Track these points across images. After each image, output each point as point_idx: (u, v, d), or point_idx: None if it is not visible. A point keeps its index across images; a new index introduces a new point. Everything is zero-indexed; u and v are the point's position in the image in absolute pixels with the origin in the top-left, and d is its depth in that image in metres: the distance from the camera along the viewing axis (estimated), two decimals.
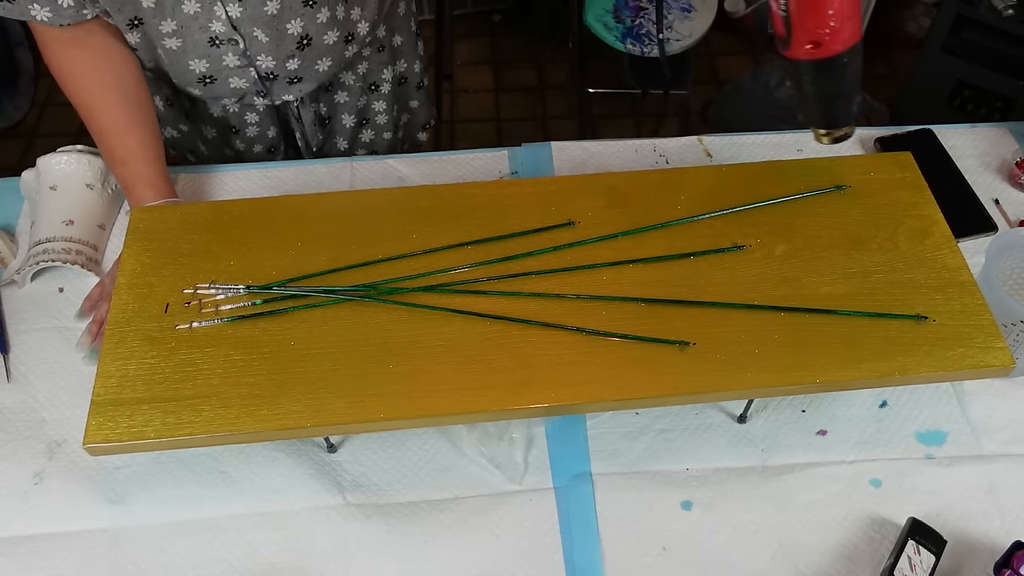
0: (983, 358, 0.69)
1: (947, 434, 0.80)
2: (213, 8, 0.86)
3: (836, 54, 0.62)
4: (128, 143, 0.90)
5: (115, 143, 0.90)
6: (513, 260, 0.76)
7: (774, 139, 1.05)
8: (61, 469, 0.78)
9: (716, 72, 2.33)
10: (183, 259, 0.76)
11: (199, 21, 0.87)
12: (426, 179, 1.01)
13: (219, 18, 0.87)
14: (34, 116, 2.19)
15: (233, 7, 0.87)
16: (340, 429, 0.70)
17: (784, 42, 0.63)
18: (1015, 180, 0.99)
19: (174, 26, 0.88)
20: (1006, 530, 0.75)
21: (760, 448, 0.80)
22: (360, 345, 0.70)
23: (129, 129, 0.90)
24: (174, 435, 0.66)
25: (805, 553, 0.74)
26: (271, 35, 0.90)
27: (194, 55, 0.91)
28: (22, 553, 0.74)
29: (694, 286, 0.74)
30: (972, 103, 1.81)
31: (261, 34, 0.90)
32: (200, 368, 0.69)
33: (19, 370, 0.85)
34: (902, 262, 0.75)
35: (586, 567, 0.73)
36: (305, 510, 0.76)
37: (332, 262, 0.76)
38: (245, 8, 0.87)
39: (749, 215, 0.79)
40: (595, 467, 0.78)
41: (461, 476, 0.78)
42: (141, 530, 0.75)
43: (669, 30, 1.92)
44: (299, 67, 0.96)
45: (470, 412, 0.67)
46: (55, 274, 0.92)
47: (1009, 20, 1.65)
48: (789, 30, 0.62)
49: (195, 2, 0.86)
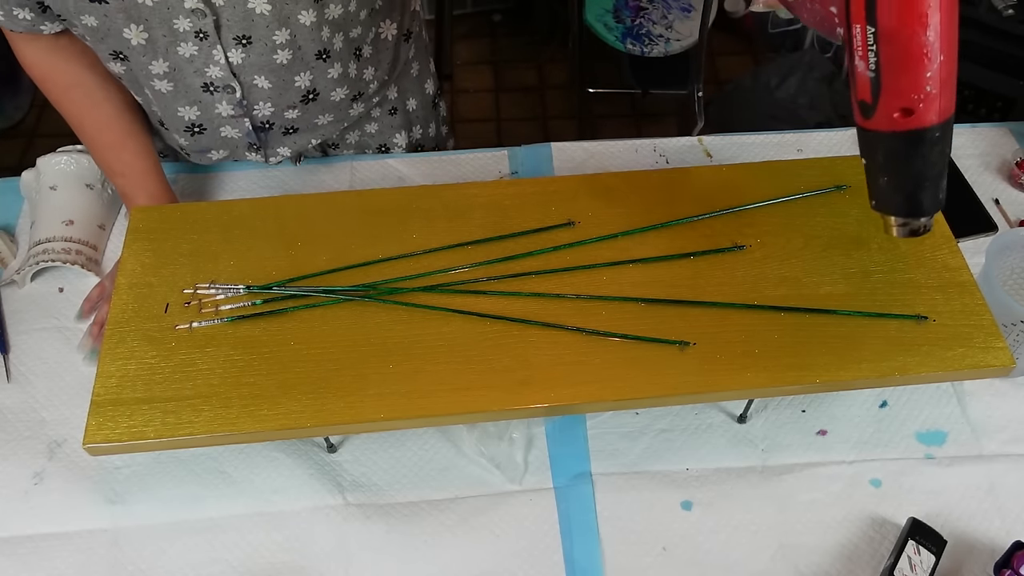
0: (983, 358, 0.69)
1: (947, 434, 0.80)
2: (212, 52, 0.80)
3: (930, 125, 0.53)
4: (124, 157, 0.89)
5: (111, 157, 0.89)
6: (513, 260, 0.76)
7: (774, 139, 1.05)
8: (61, 469, 0.78)
9: (716, 72, 2.32)
10: (183, 259, 0.76)
11: (194, 64, 0.81)
12: (426, 179, 1.01)
13: (217, 63, 0.81)
14: (34, 116, 2.19)
15: (235, 52, 0.80)
16: (340, 429, 0.69)
17: (868, 108, 0.54)
18: (1015, 180, 0.99)
19: (166, 67, 0.81)
20: (1006, 530, 0.75)
21: (760, 448, 0.80)
22: (360, 345, 0.70)
23: (124, 143, 0.89)
24: (174, 435, 0.66)
25: (805, 553, 0.74)
26: (275, 83, 0.85)
27: (184, 101, 0.85)
28: (22, 553, 0.74)
29: (694, 286, 0.74)
30: (972, 103, 1.81)
31: (263, 81, 0.84)
32: (200, 368, 0.69)
33: (19, 370, 0.85)
34: (902, 262, 0.75)
35: (586, 567, 0.73)
36: (305, 510, 0.76)
37: (332, 262, 0.76)
38: (248, 55, 0.81)
39: (749, 215, 0.79)
40: (595, 467, 0.78)
41: (461, 476, 0.78)
42: (141, 530, 0.75)
43: (669, 30, 1.92)
44: (298, 118, 0.91)
45: (470, 412, 0.67)
46: (55, 274, 0.92)
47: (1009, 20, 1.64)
48: (877, 94, 0.53)
49: (192, 44, 0.79)
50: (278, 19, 0.78)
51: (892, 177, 0.56)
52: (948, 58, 0.51)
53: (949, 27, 0.50)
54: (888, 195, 0.58)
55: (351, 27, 0.85)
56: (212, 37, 0.78)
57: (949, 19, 0.50)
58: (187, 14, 0.76)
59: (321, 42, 0.83)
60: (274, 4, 0.77)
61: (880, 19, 0.50)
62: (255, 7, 0.76)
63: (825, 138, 1.05)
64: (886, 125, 0.54)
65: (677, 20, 1.93)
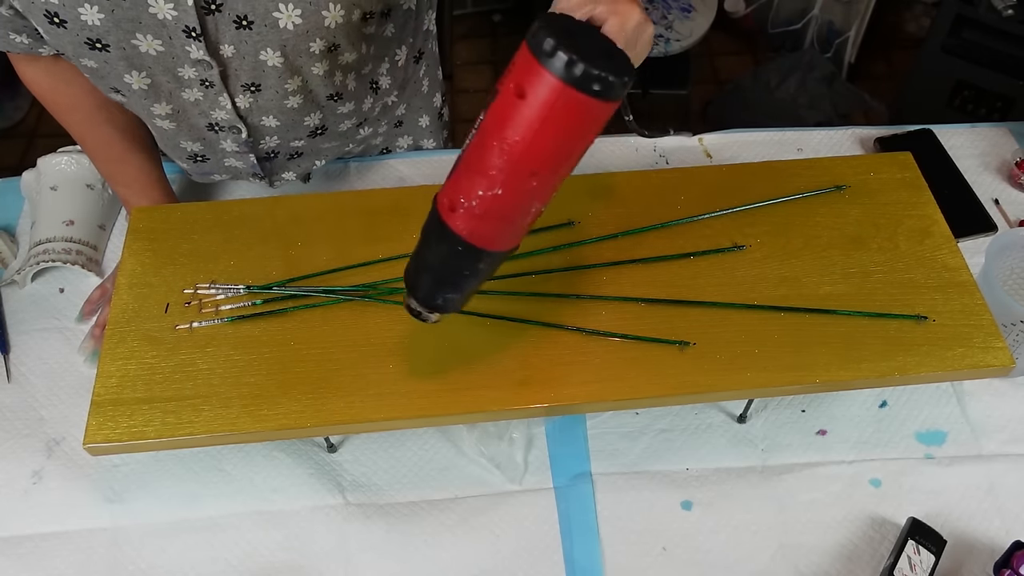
0: (983, 358, 0.69)
1: (947, 434, 0.80)
2: (219, 99, 0.78)
3: (455, 231, 0.55)
4: (128, 171, 0.89)
5: (115, 170, 0.89)
6: (513, 260, 0.76)
7: (774, 139, 1.05)
8: (60, 467, 0.78)
9: (716, 72, 2.32)
10: (183, 259, 0.76)
11: (199, 107, 0.79)
12: (426, 179, 1.01)
13: (224, 107, 0.79)
14: (34, 116, 2.19)
15: (243, 98, 0.78)
16: (340, 429, 0.69)
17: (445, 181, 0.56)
18: (1015, 180, 0.99)
19: (168, 110, 0.79)
20: (1006, 530, 0.75)
21: (760, 448, 0.80)
22: (360, 345, 0.70)
23: (126, 159, 0.88)
24: (174, 435, 0.66)
25: (805, 553, 0.74)
26: (284, 122, 0.83)
27: (187, 137, 0.84)
28: (22, 553, 0.74)
29: (694, 286, 0.74)
30: (972, 103, 1.81)
31: (271, 120, 0.82)
32: (200, 368, 0.69)
33: (19, 370, 0.85)
34: (902, 262, 0.75)
35: (586, 567, 0.73)
36: (305, 510, 0.76)
37: (332, 262, 0.76)
38: (257, 100, 0.78)
39: (749, 215, 0.79)
40: (595, 467, 0.78)
41: (461, 476, 0.78)
42: (140, 529, 0.75)
43: (669, 30, 1.92)
44: (304, 146, 0.90)
45: (470, 412, 0.67)
46: (55, 274, 0.92)
47: (1009, 20, 1.65)
48: (451, 172, 0.55)
49: (197, 90, 0.76)
50: (290, 69, 0.76)
51: (418, 247, 0.60)
52: (511, 203, 0.54)
53: (535, 182, 0.53)
54: (410, 262, 0.61)
55: (364, 66, 0.83)
56: (218, 86, 0.76)
57: (541, 178, 0.53)
58: (192, 63, 0.73)
59: (334, 86, 0.81)
60: (286, 56, 0.74)
61: (487, 118, 0.52)
62: (266, 60, 0.74)
63: (825, 138, 1.05)
64: (437, 203, 0.56)
65: (677, 20, 1.93)
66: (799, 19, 2.22)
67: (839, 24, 2.17)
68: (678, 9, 1.95)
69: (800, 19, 2.21)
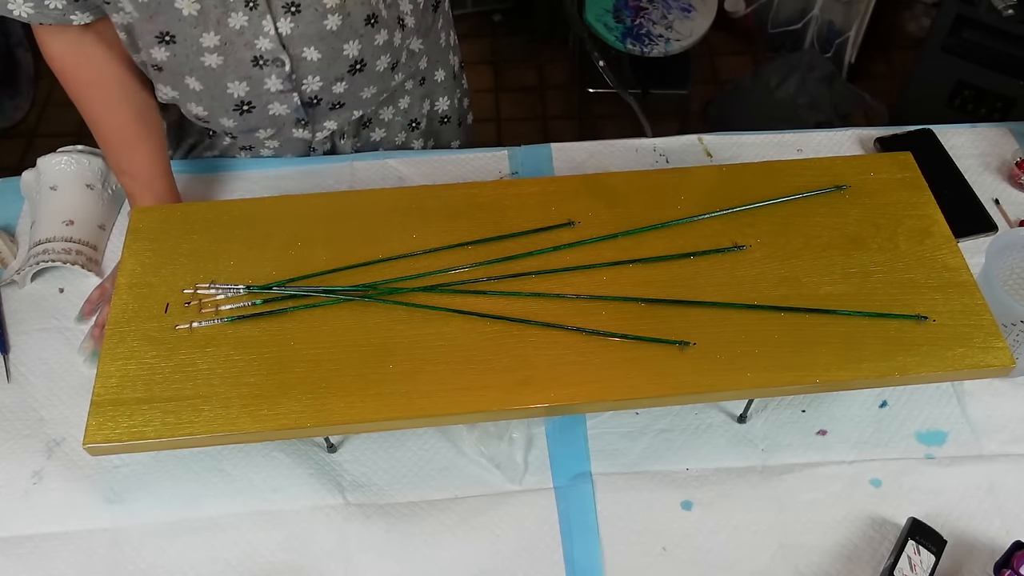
0: (983, 358, 0.69)
1: (947, 434, 0.80)
2: (262, 22, 0.81)
3: None
4: (136, 159, 0.89)
5: (123, 157, 0.89)
6: (513, 260, 0.76)
7: (774, 139, 1.05)
8: (60, 468, 0.78)
9: (716, 72, 2.32)
10: (183, 259, 0.76)
11: (244, 37, 0.81)
12: (426, 179, 1.01)
13: (267, 34, 0.81)
14: (34, 116, 2.19)
15: (284, 22, 0.81)
16: (340, 429, 0.69)
17: None
18: (1015, 180, 0.99)
19: (216, 40, 0.81)
20: (1006, 530, 0.75)
21: (760, 448, 0.80)
22: (360, 345, 0.70)
23: (136, 145, 0.89)
24: (174, 435, 0.66)
25: (805, 553, 0.74)
26: (324, 53, 0.85)
27: (234, 76, 0.85)
28: (22, 553, 0.74)
29: (694, 286, 0.74)
30: (972, 103, 1.81)
31: (313, 53, 0.85)
32: (200, 368, 0.69)
33: (19, 370, 0.85)
34: (902, 262, 0.75)
35: (586, 567, 0.73)
36: (305, 510, 0.76)
37: (332, 262, 0.76)
38: (297, 24, 0.81)
39: (749, 215, 0.79)
40: (595, 467, 0.78)
41: (461, 476, 0.78)
42: (140, 529, 0.75)
43: (669, 30, 1.92)
44: (345, 91, 0.92)
45: (470, 412, 0.67)
46: (55, 274, 0.92)
47: (1009, 20, 1.65)
48: None
49: (242, 14, 0.80)
50: None
51: None
52: None
53: None
54: None
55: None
56: (262, 6, 0.79)
57: None
58: None
59: (370, 6, 0.85)
60: None
61: None
62: None
63: (825, 138, 1.05)
64: None
65: (677, 20, 1.93)
66: (799, 19, 2.22)
67: (839, 24, 2.17)
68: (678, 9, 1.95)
69: (800, 19, 2.21)
